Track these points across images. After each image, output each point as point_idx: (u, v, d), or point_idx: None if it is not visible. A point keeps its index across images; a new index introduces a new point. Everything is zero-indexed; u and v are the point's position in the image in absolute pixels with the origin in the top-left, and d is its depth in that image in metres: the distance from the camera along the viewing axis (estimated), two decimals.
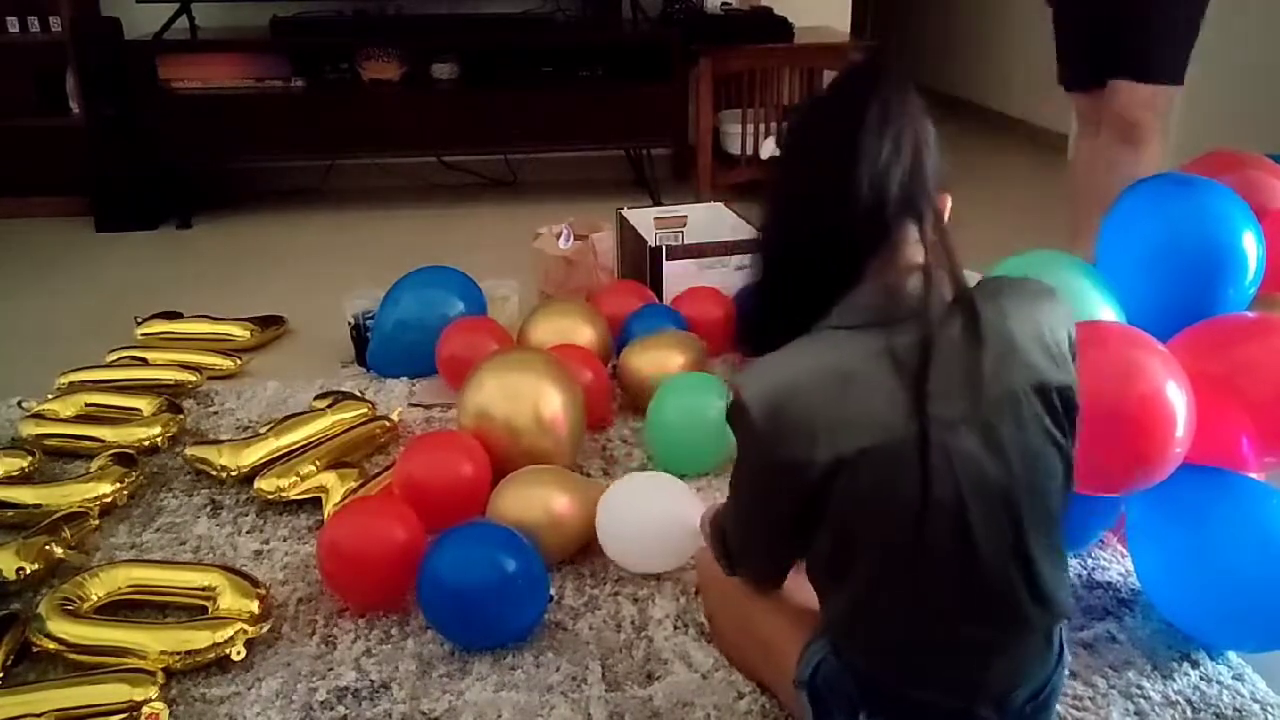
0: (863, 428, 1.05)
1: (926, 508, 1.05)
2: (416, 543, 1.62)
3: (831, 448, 1.05)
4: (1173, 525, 1.53)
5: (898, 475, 1.05)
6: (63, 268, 3.29)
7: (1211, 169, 1.85)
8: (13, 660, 1.50)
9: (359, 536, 1.62)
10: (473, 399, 1.92)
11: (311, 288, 3.03)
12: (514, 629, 1.55)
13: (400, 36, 3.81)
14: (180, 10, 3.64)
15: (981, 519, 1.06)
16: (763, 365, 1.12)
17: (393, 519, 1.65)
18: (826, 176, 1.08)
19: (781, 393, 1.07)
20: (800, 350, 1.10)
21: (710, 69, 3.67)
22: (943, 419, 1.04)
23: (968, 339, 1.06)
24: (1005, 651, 1.14)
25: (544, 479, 1.76)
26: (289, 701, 1.45)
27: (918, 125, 1.08)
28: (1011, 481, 1.07)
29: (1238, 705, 1.44)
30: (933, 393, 1.04)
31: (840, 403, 1.05)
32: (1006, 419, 1.07)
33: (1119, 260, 1.74)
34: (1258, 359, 1.53)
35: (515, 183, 4.19)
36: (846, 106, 1.08)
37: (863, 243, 1.08)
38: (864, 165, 1.05)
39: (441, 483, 1.78)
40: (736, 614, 1.46)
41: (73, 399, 2.21)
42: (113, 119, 3.56)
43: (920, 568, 1.09)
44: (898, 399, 1.05)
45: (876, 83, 1.08)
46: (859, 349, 1.07)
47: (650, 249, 2.65)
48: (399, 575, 1.60)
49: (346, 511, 1.71)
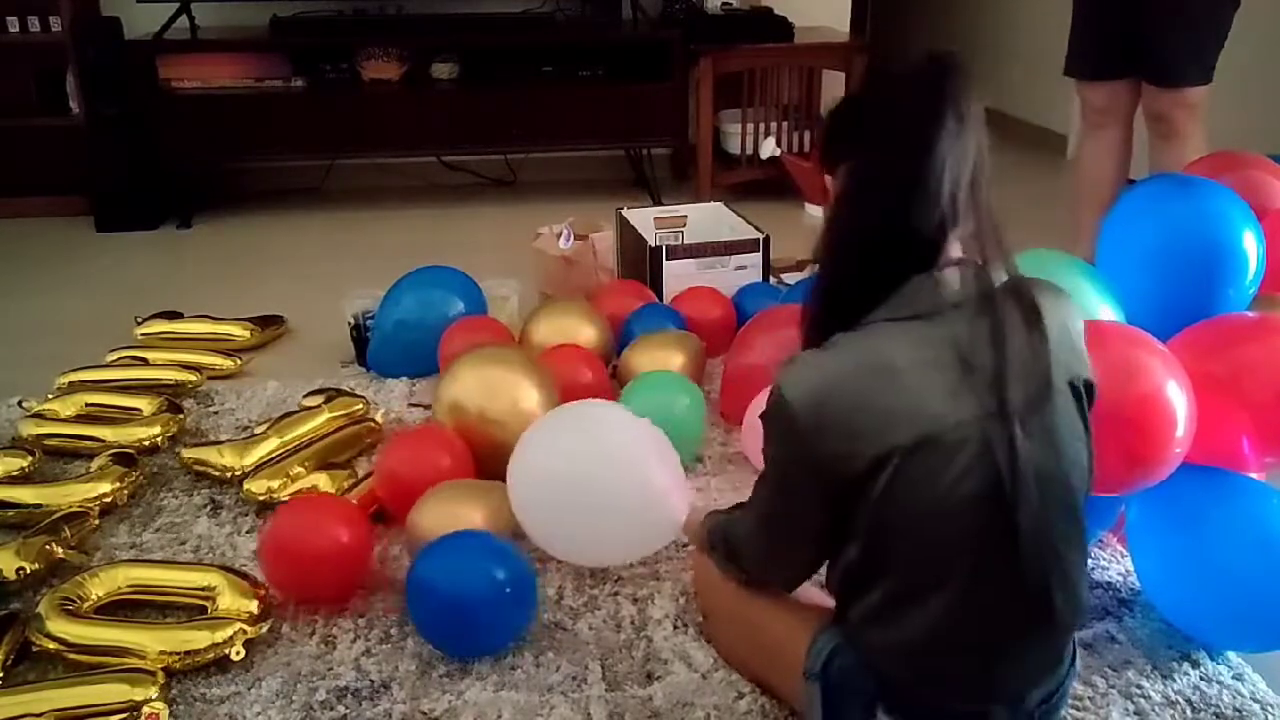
0: (915, 419, 1.05)
1: (991, 497, 1.05)
2: (359, 539, 1.66)
3: (880, 439, 1.05)
4: (1173, 525, 1.53)
5: (953, 465, 1.05)
6: (63, 268, 3.29)
7: (1211, 169, 1.85)
8: (13, 660, 1.50)
9: (299, 534, 1.63)
10: (447, 392, 1.95)
11: (311, 288, 3.02)
12: (503, 636, 1.54)
13: (400, 36, 3.81)
14: (180, 10, 3.63)
15: (1031, 511, 1.06)
16: (805, 361, 1.11)
17: (333, 517, 1.67)
18: (905, 170, 1.08)
19: (826, 388, 1.07)
20: (846, 345, 1.10)
21: (710, 69, 3.67)
22: (1012, 408, 1.05)
23: (1029, 331, 1.07)
24: (1032, 650, 1.15)
25: (463, 494, 1.72)
26: (289, 701, 1.45)
27: (980, 132, 1.09)
28: (1058, 474, 1.09)
29: (1238, 705, 1.44)
30: (998, 380, 1.05)
31: (890, 394, 1.05)
32: (1056, 411, 1.09)
33: (1119, 260, 1.74)
34: (1258, 359, 1.53)
35: (515, 183, 4.18)
36: (926, 106, 1.08)
37: (932, 236, 1.08)
38: (938, 163, 1.05)
39: (421, 477, 1.78)
40: (736, 612, 1.46)
41: (73, 399, 2.21)
42: (113, 119, 3.55)
43: (962, 562, 1.09)
44: (958, 388, 1.05)
45: (953, 84, 1.08)
46: (910, 340, 1.07)
47: (650, 249, 2.65)
48: (339, 572, 1.63)
49: (286, 511, 1.72)
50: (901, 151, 1.08)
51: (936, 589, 1.11)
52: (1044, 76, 2.88)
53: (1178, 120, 2.36)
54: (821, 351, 1.11)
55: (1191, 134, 2.36)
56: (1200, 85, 2.34)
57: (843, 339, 1.10)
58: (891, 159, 1.09)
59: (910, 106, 1.09)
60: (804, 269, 2.99)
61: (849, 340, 1.10)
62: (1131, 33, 2.36)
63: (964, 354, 1.06)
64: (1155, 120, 2.42)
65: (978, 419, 1.05)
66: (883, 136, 1.11)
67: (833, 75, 3.92)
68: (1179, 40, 2.31)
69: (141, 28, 3.61)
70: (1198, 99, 2.35)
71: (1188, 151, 2.29)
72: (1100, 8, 2.45)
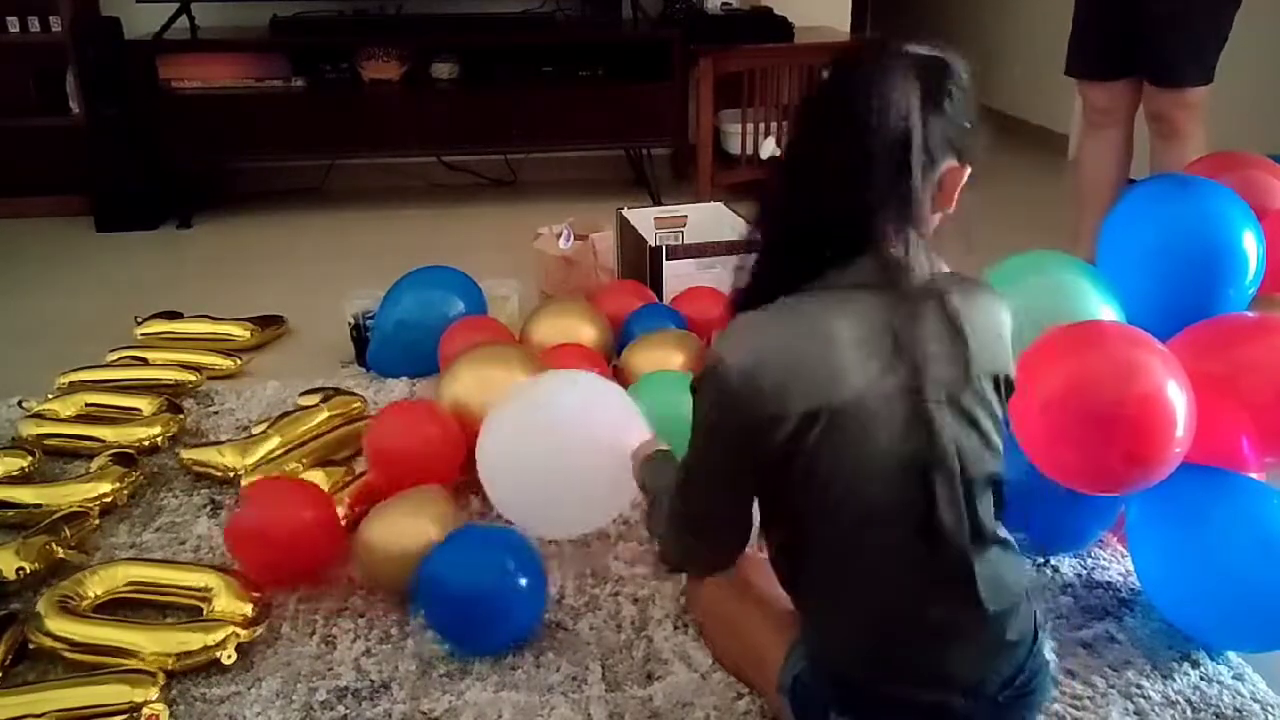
0: (844, 382, 1.08)
1: (912, 467, 1.09)
2: (324, 518, 1.71)
3: (809, 398, 1.07)
4: (1173, 525, 1.53)
5: (877, 431, 1.08)
6: (63, 268, 3.29)
7: (1211, 169, 1.85)
8: (12, 660, 1.50)
9: (267, 515, 1.69)
10: (448, 391, 1.96)
11: (311, 288, 3.02)
12: (513, 632, 1.55)
13: (400, 36, 3.80)
14: (180, 10, 3.63)
15: (948, 489, 1.11)
16: (743, 326, 1.14)
17: (300, 498, 1.72)
18: (836, 153, 1.10)
19: (762, 351, 1.10)
20: (783, 309, 1.12)
21: (710, 69, 3.66)
22: (933, 385, 1.09)
23: (951, 319, 1.11)
24: (963, 636, 1.15)
25: (415, 506, 1.68)
26: (289, 701, 1.45)
27: (916, 117, 1.08)
28: (974, 458, 1.12)
29: (1238, 705, 1.44)
30: (923, 360, 1.09)
31: (823, 357, 1.08)
32: (976, 399, 1.12)
33: (1119, 260, 1.74)
34: (1258, 359, 1.54)
35: (515, 183, 4.18)
36: (860, 90, 1.09)
37: (859, 219, 1.10)
38: (867, 147, 1.07)
39: (410, 447, 1.81)
40: (725, 619, 1.47)
41: (73, 399, 2.21)
42: (113, 119, 3.55)
43: (886, 532, 1.12)
44: (886, 359, 1.08)
45: (885, 70, 1.10)
46: (847, 309, 1.10)
47: (650, 249, 2.65)
48: (310, 550, 1.68)
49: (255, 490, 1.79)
50: (832, 134, 1.11)
51: (860, 565, 1.14)
52: (1044, 76, 2.88)
53: (1178, 120, 2.36)
54: (758, 315, 1.13)
55: (1192, 134, 2.36)
56: (1201, 85, 2.34)
57: (780, 304, 1.13)
58: (824, 139, 1.12)
59: (845, 91, 1.11)
60: None
61: (787, 305, 1.13)
62: (1132, 33, 2.37)
63: (895, 330, 1.09)
64: (1156, 120, 2.43)
65: (903, 392, 1.09)
66: (816, 118, 1.15)
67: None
68: (1179, 40, 2.31)
69: (141, 28, 3.61)
70: (1198, 99, 2.35)
71: (1188, 151, 2.29)
72: (1101, 8, 2.45)
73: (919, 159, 1.08)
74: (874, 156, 1.07)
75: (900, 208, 1.09)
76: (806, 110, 1.19)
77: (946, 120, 1.10)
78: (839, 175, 1.09)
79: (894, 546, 1.12)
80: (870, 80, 1.08)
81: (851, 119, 1.08)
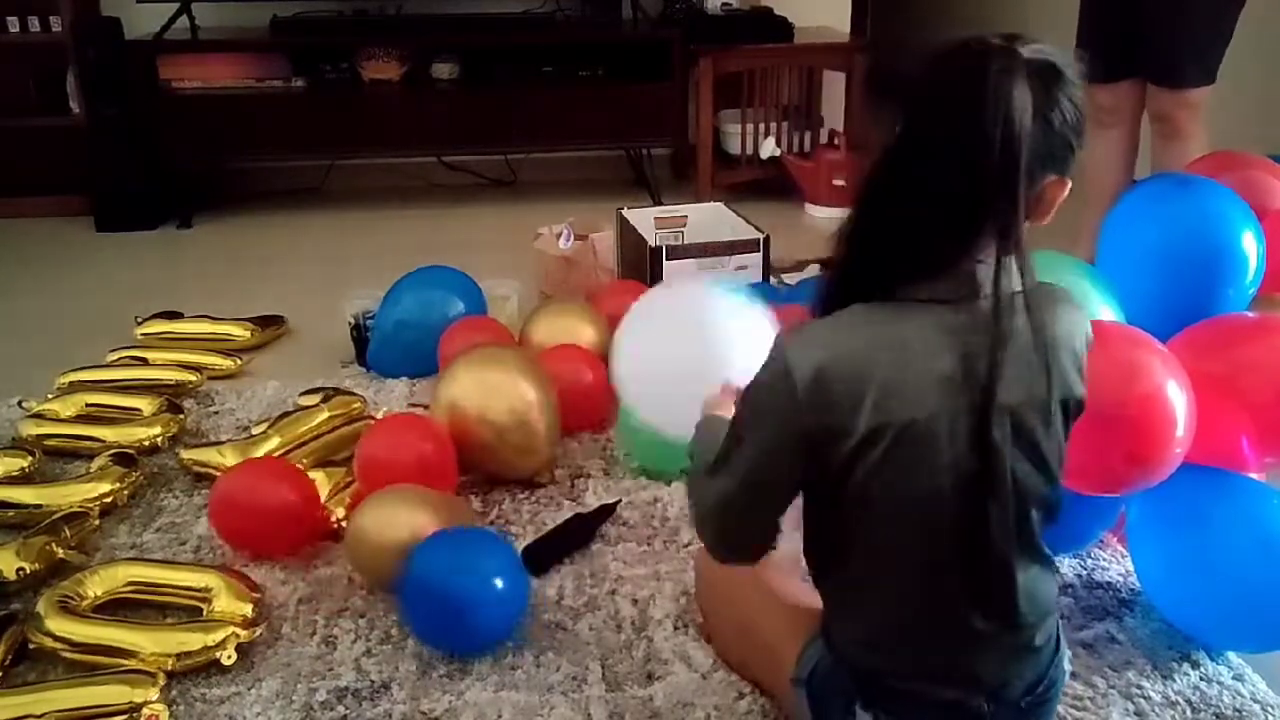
0: (914, 400, 1.04)
1: (964, 485, 1.06)
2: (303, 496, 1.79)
3: (877, 415, 1.04)
4: (1173, 525, 1.53)
5: (940, 451, 1.05)
6: (63, 267, 3.29)
7: (1212, 169, 1.85)
8: (12, 660, 1.50)
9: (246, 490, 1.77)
10: (445, 393, 1.95)
11: (311, 288, 3.02)
12: (495, 633, 1.54)
13: (400, 36, 3.80)
14: (180, 10, 3.63)
15: (1000, 510, 1.07)
16: (815, 330, 1.09)
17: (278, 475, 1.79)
18: (966, 138, 1.01)
19: (832, 361, 1.05)
20: (859, 316, 1.08)
21: (710, 69, 3.66)
22: (1000, 408, 1.04)
23: (1033, 340, 1.06)
24: (996, 645, 1.15)
25: (406, 499, 1.68)
26: (289, 702, 1.45)
27: (1025, 116, 1.01)
28: (1031, 484, 1.10)
29: (1238, 705, 1.44)
30: (992, 382, 1.04)
31: (895, 371, 1.04)
32: (1040, 422, 1.09)
33: (1119, 260, 1.74)
34: (1258, 359, 1.54)
35: (515, 183, 4.18)
36: (976, 85, 1.02)
37: (969, 216, 1.04)
38: (995, 139, 0.99)
39: (401, 461, 1.80)
40: (735, 613, 1.46)
41: (73, 399, 2.21)
42: (113, 119, 3.55)
43: (935, 544, 1.10)
44: (957, 379, 1.04)
45: (1000, 67, 1.04)
46: (926, 323, 1.05)
47: (650, 249, 2.65)
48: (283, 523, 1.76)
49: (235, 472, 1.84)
50: (937, 147, 1.03)
51: (903, 571, 1.12)
52: None
53: (1180, 120, 2.36)
54: (832, 321, 1.09)
55: (1194, 134, 2.36)
56: (1203, 86, 2.34)
57: (858, 309, 1.08)
58: (928, 151, 1.04)
59: (956, 99, 1.03)
60: (804, 269, 2.99)
61: (864, 311, 1.08)
62: (1134, 33, 2.36)
63: (970, 350, 1.05)
64: (1158, 120, 2.43)
65: (970, 413, 1.05)
66: (945, 100, 1.05)
67: (833, 75, 3.91)
68: (1181, 41, 2.31)
69: (141, 28, 3.61)
70: (1200, 99, 2.35)
71: (1190, 151, 2.29)
72: (1104, 8, 2.45)
73: (1024, 179, 1.01)
74: (981, 176, 1.00)
75: (1000, 226, 1.03)
76: (911, 114, 1.08)
77: (1055, 133, 1.02)
78: (941, 190, 1.03)
79: (941, 558, 1.10)
80: (983, 90, 1.00)
81: (959, 133, 1.01)
